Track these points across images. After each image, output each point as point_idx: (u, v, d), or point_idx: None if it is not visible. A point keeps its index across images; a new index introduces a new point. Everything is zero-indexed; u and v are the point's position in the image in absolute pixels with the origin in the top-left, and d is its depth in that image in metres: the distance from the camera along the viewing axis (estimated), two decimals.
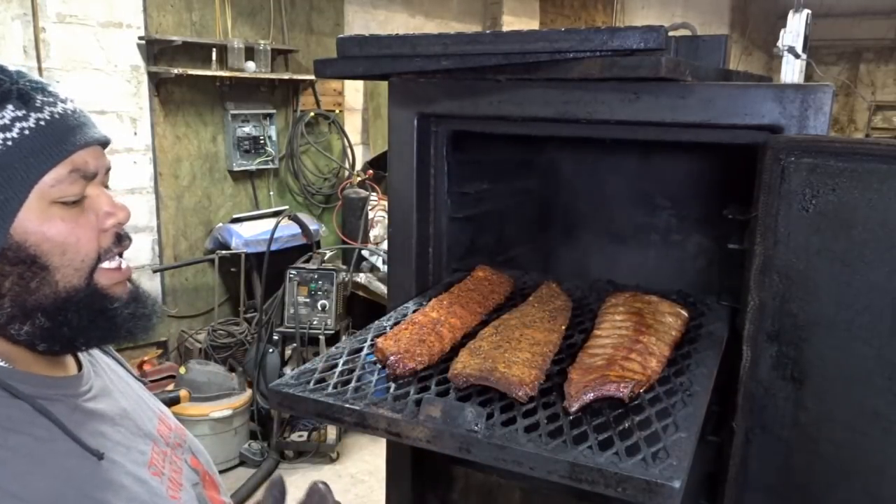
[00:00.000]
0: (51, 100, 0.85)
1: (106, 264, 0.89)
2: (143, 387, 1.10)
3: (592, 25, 3.42)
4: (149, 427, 1.00)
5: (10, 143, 0.80)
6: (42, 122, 0.83)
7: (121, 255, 0.91)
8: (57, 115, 0.85)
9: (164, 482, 0.94)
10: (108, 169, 0.92)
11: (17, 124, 0.81)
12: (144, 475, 0.91)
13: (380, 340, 1.25)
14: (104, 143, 0.91)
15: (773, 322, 1.19)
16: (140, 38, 4.16)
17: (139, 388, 1.08)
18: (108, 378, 1.01)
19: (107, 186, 0.92)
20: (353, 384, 1.15)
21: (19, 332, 0.84)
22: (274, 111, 5.00)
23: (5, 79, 0.83)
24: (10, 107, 0.82)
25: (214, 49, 4.49)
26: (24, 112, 0.82)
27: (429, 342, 1.25)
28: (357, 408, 1.08)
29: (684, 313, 1.40)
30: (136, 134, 4.25)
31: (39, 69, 3.70)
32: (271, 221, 4.41)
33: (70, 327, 0.86)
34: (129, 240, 0.92)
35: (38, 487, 0.79)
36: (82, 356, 0.97)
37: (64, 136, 0.84)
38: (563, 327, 1.39)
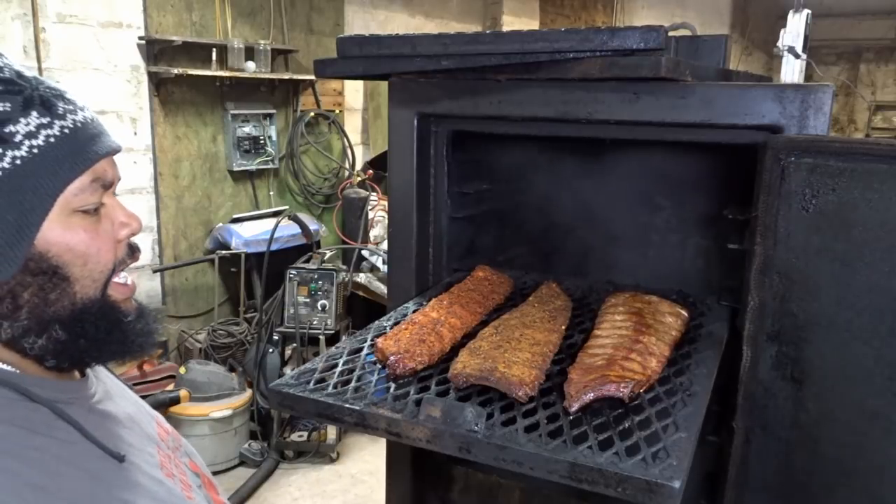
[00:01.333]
0: (71, 107, 0.84)
1: (117, 279, 0.88)
2: (134, 392, 1.10)
3: (592, 25, 3.42)
4: (150, 431, 1.00)
5: (35, 150, 0.79)
6: (66, 130, 0.81)
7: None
8: (79, 124, 0.83)
9: (177, 483, 0.95)
10: (119, 179, 0.91)
11: (43, 132, 0.80)
12: (160, 476, 0.91)
13: (380, 340, 1.25)
14: (118, 153, 0.90)
15: (773, 322, 1.19)
16: (140, 38, 4.16)
17: (132, 393, 1.09)
18: (107, 384, 1.01)
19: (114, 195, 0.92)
20: (353, 384, 1.15)
21: (33, 345, 0.82)
22: (274, 111, 5.00)
23: (26, 85, 0.81)
24: (35, 113, 0.80)
25: (214, 49, 4.49)
26: (48, 119, 0.80)
27: (429, 342, 1.25)
28: (357, 408, 1.08)
29: (684, 313, 1.40)
30: (136, 134, 4.25)
31: (39, 69, 3.69)
32: (271, 221, 4.41)
33: (87, 339, 0.84)
34: (140, 251, 0.92)
35: (70, 487, 0.78)
36: None
37: (86, 145, 0.83)
38: (563, 327, 1.39)
